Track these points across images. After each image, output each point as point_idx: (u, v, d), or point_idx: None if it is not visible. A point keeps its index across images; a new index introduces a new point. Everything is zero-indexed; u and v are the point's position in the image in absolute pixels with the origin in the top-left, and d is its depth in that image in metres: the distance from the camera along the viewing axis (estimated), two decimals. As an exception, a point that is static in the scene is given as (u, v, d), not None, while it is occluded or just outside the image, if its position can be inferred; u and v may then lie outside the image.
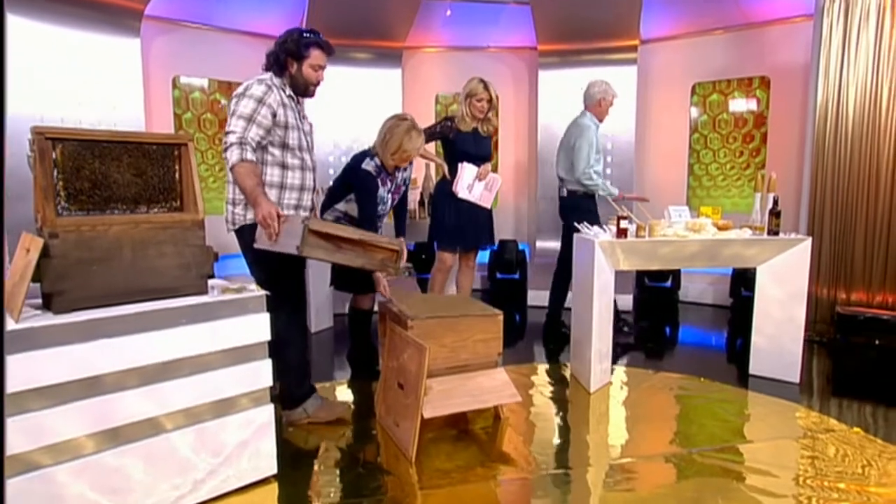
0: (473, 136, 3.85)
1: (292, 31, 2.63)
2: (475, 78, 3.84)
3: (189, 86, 4.97)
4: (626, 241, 3.10)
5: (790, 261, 3.23)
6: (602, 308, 3.15)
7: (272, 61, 2.61)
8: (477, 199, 3.82)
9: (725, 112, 5.23)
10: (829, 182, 4.12)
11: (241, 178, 2.43)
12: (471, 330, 2.62)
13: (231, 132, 2.46)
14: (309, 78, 2.62)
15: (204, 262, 2.05)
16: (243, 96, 2.49)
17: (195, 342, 1.95)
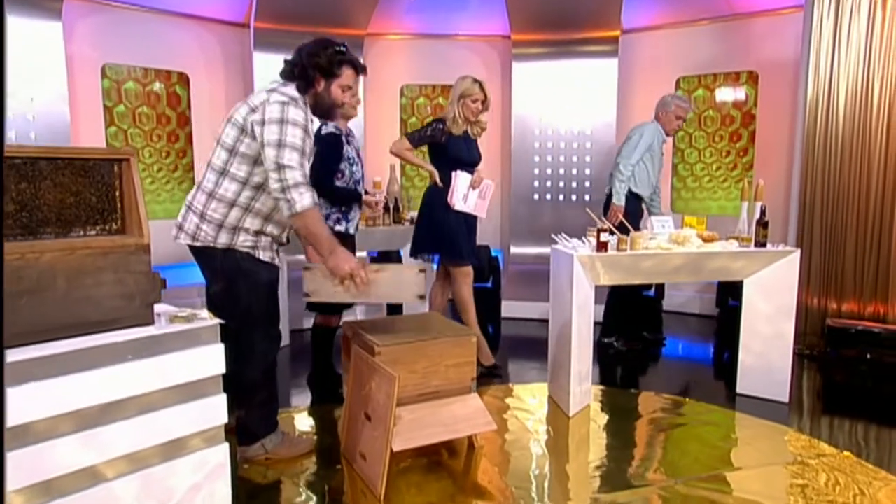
0: (464, 139, 3.85)
1: (323, 43, 2.55)
2: (468, 77, 3.83)
3: (121, 75, 4.87)
4: (607, 254, 3.17)
5: (778, 273, 3.35)
6: (581, 326, 3.22)
7: (298, 75, 2.50)
8: (472, 210, 3.84)
9: (712, 108, 5.38)
10: (819, 186, 4.27)
11: (315, 224, 2.38)
12: (443, 355, 2.66)
13: (289, 167, 2.32)
14: (336, 99, 2.57)
15: (150, 290, 2.03)
16: (286, 123, 2.35)
17: (141, 380, 1.93)
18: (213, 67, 5.26)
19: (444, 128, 3.78)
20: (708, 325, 5.08)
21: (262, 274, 2.53)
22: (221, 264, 2.49)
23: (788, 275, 3.34)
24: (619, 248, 3.20)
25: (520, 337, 4.85)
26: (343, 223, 3.42)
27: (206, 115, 5.27)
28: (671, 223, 3.48)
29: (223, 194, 2.45)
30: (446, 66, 5.69)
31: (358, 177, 3.44)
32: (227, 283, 2.51)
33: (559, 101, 5.25)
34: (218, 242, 2.47)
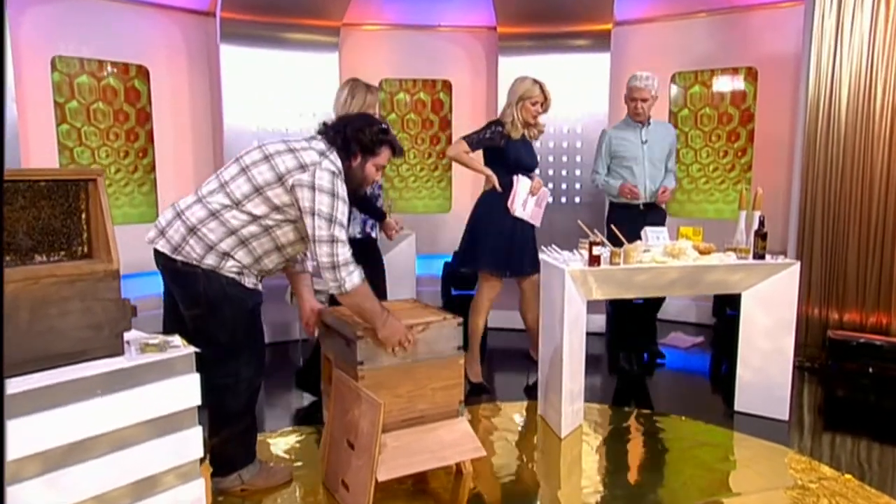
0: (523, 143, 3.97)
1: (369, 120, 2.66)
2: (528, 77, 3.95)
3: (73, 68, 4.84)
4: (600, 269, 3.25)
5: (777, 287, 3.46)
6: (573, 343, 3.30)
7: (341, 143, 2.59)
8: (530, 218, 3.96)
9: (708, 106, 5.49)
10: (820, 190, 4.39)
11: (365, 300, 2.50)
12: (429, 377, 2.72)
13: (341, 242, 2.43)
14: (369, 177, 2.68)
15: (119, 318, 2.06)
16: (338, 198, 2.44)
17: (111, 416, 1.96)
18: (176, 60, 5.25)
19: (502, 131, 3.90)
20: (704, 336, 5.19)
21: (247, 300, 2.58)
22: (205, 288, 2.50)
23: (788, 288, 3.45)
24: (612, 262, 3.28)
25: (507, 349, 4.92)
26: (375, 230, 3.72)
27: (168, 111, 5.26)
28: (666, 234, 3.57)
29: (227, 219, 2.48)
30: (428, 59, 5.74)
31: (379, 182, 3.71)
32: (211, 308, 2.53)
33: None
34: (203, 263, 2.48)
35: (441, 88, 5.92)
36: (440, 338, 2.71)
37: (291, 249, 2.64)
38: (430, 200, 6.06)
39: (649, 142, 4.20)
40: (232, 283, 2.53)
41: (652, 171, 4.20)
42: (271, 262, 2.62)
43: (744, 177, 5.43)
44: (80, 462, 1.92)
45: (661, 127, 4.33)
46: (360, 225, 3.66)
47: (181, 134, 5.36)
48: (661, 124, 4.37)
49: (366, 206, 3.63)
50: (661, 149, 4.24)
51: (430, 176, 6.06)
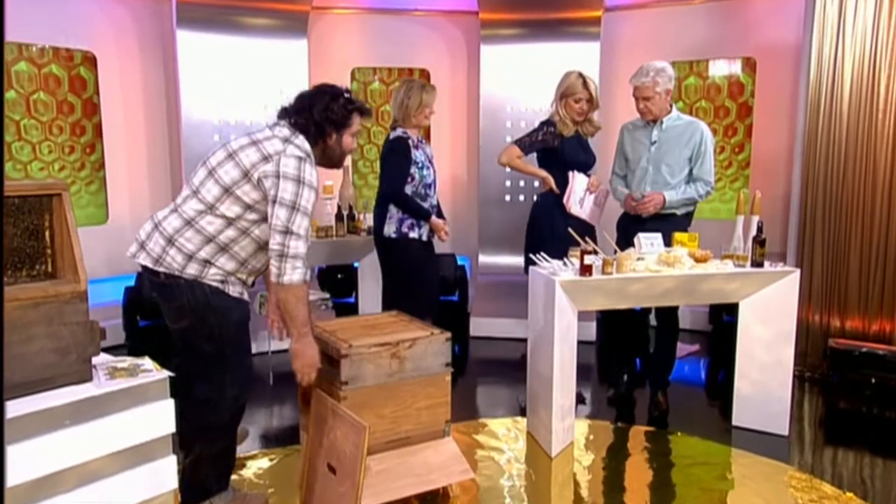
0: (577, 140, 4.16)
1: (332, 94, 2.73)
2: (573, 72, 4.11)
3: (10, 54, 4.80)
4: (591, 279, 3.37)
5: (776, 295, 3.61)
6: (564, 356, 3.41)
7: (313, 130, 2.69)
8: (586, 216, 4.13)
9: (704, 99, 5.65)
10: (821, 191, 4.54)
11: (298, 301, 2.56)
12: (414, 395, 2.81)
13: (296, 235, 2.52)
14: (347, 148, 2.81)
15: (87, 342, 2.12)
16: (303, 184, 2.53)
17: (80, 447, 2.02)
18: (126, 46, 5.25)
19: (554, 131, 4.10)
20: (700, 343, 5.35)
21: (233, 311, 2.67)
22: (189, 299, 2.60)
23: (788, 296, 3.60)
24: (605, 271, 3.40)
25: (492, 359, 5.03)
26: (416, 229, 3.87)
27: (119, 102, 5.27)
28: (660, 240, 3.68)
29: (203, 227, 2.58)
30: (404, 45, 5.82)
31: (429, 181, 3.95)
32: (195, 320, 2.62)
33: (534, 88, 5.42)
34: (185, 273, 2.58)
35: (419, 77, 5.99)
36: (427, 354, 2.80)
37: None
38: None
39: (660, 143, 3.96)
40: (216, 293, 2.62)
41: (656, 177, 3.94)
42: (259, 262, 2.73)
43: (741, 174, 5.60)
44: (47, 498, 1.98)
45: (683, 125, 3.97)
46: (395, 224, 3.88)
47: (133, 128, 5.37)
48: (685, 122, 3.99)
49: (405, 205, 3.85)
50: (678, 152, 3.92)
51: (407, 173, 6.13)
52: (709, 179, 3.92)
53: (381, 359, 2.73)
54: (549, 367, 3.40)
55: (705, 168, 3.92)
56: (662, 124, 3.94)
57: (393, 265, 4.01)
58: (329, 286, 5.55)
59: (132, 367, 2.33)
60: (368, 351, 2.70)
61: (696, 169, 3.93)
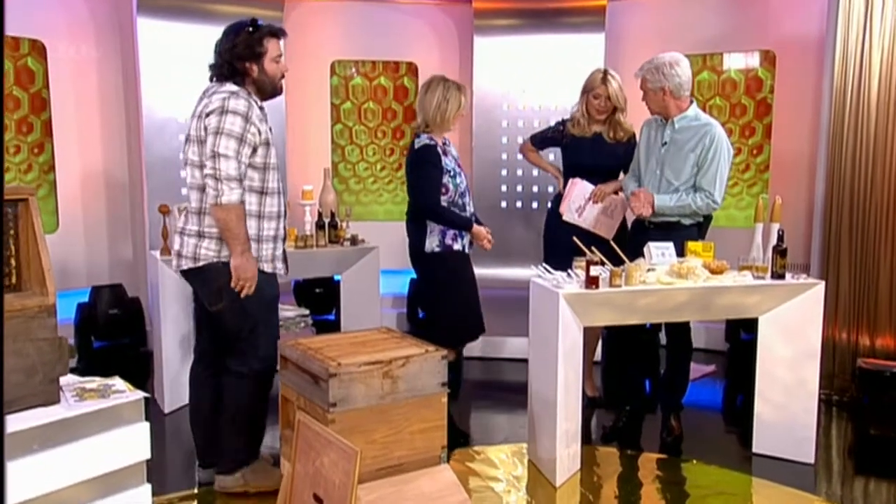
0: (592, 142, 4.40)
1: (235, 28, 3.23)
2: (598, 69, 4.40)
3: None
4: (598, 291, 3.50)
5: (800, 310, 3.75)
6: (569, 376, 3.54)
7: (228, 73, 3.21)
8: (590, 226, 4.33)
9: (719, 96, 5.82)
10: (847, 196, 4.67)
11: (236, 222, 3.10)
12: (408, 418, 2.92)
13: (224, 156, 3.05)
14: (274, 74, 3.29)
15: (55, 360, 2.21)
16: (226, 112, 3.07)
17: (49, 474, 2.09)
18: (80, 35, 5.32)
19: (563, 129, 4.43)
20: (716, 364, 5.49)
21: (265, 288, 3.25)
22: (228, 279, 3.15)
23: (812, 312, 3.74)
24: (613, 284, 3.53)
25: (488, 382, 5.14)
26: (459, 240, 4.05)
27: (71, 97, 5.34)
28: (672, 250, 3.82)
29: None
30: (389, 37, 5.93)
31: (463, 188, 4.11)
32: (232, 300, 3.18)
33: (532, 84, 5.56)
34: (222, 256, 3.17)
35: (405, 72, 6.15)
36: (422, 373, 2.92)
37: (271, 186, 3.28)
38: (392, 205, 6.27)
39: (669, 144, 4.03)
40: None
41: (661, 182, 4.03)
42: (273, 207, 3.29)
43: (760, 178, 5.76)
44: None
45: (696, 127, 4.00)
46: (438, 237, 4.04)
47: (88, 125, 5.44)
48: (700, 123, 4.02)
49: (445, 218, 4.02)
50: (685, 156, 3.97)
51: (392, 176, 6.27)
52: (710, 191, 3.92)
53: (372, 378, 2.84)
54: (552, 388, 3.52)
55: (708, 177, 3.92)
56: (675, 124, 4.02)
57: (442, 280, 4.14)
58: (306, 302, 5.64)
59: (102, 387, 2.42)
60: (358, 370, 2.81)
61: (700, 176, 3.95)
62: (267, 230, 3.28)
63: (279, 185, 3.33)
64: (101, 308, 5.25)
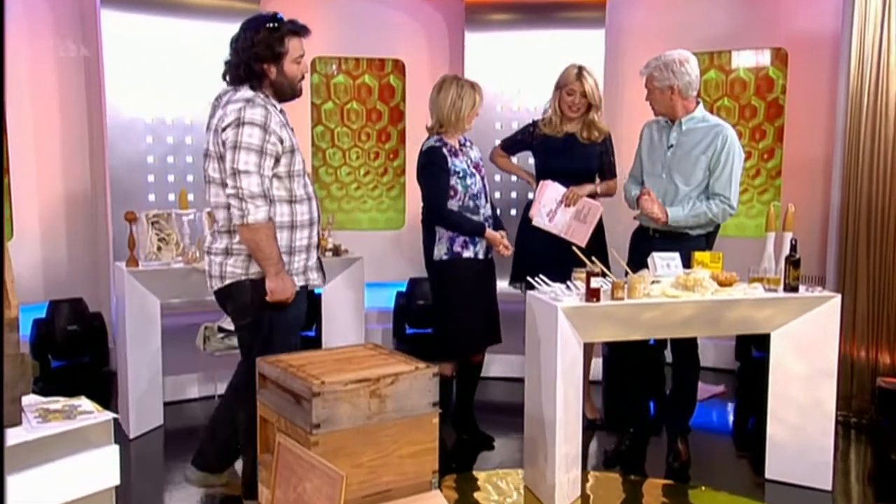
0: (564, 142, 4.49)
1: (254, 25, 3.25)
2: (573, 64, 4.47)
3: None
4: (599, 305, 3.54)
5: (815, 325, 3.79)
6: (569, 396, 3.58)
7: (244, 75, 3.24)
8: (561, 231, 4.41)
9: (727, 97, 5.89)
10: (865, 201, 4.72)
11: (266, 242, 3.18)
12: (396, 441, 2.93)
13: (245, 173, 3.12)
14: (294, 76, 3.33)
15: (17, 378, 2.20)
16: (243, 124, 3.12)
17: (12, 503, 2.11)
18: (38, 28, 5.32)
19: (534, 130, 4.53)
20: (726, 383, 5.53)
21: (289, 309, 3.32)
22: (251, 296, 3.27)
23: (828, 327, 3.79)
24: (615, 296, 3.57)
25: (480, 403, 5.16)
26: (471, 247, 4.12)
27: (27, 95, 5.31)
28: (678, 261, 3.86)
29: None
30: (375, 32, 5.96)
31: (475, 190, 4.21)
32: (254, 317, 3.31)
33: (528, 84, 5.60)
34: (250, 273, 3.27)
35: (391, 70, 6.19)
36: (412, 392, 2.93)
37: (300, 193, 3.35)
38: (377, 213, 6.31)
39: (676, 147, 4.09)
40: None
41: (669, 188, 4.09)
42: (302, 216, 3.35)
43: (771, 184, 5.83)
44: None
45: (705, 128, 4.06)
46: (446, 244, 4.17)
47: (46, 125, 5.43)
48: (710, 124, 4.09)
49: (452, 222, 4.14)
50: (695, 159, 4.02)
51: (377, 182, 6.30)
52: (727, 196, 3.98)
53: (358, 398, 2.86)
54: (550, 409, 3.56)
55: (723, 180, 3.97)
56: (682, 125, 4.07)
57: (447, 290, 4.26)
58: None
59: (68, 408, 2.42)
60: (344, 389, 2.83)
61: (714, 180, 3.99)
62: (299, 240, 3.36)
63: (308, 190, 3.40)
64: (60, 324, 5.21)
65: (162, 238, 4.55)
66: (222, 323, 4.57)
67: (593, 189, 4.55)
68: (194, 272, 4.47)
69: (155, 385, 4.65)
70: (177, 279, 4.56)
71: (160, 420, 4.69)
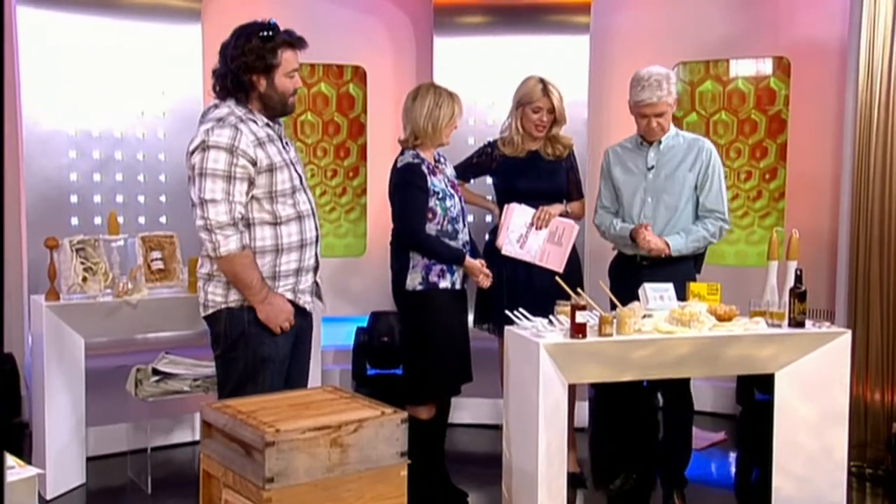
0: (527, 162, 4.54)
1: (247, 32, 3.35)
2: (532, 77, 4.52)
3: None
4: (586, 341, 3.59)
5: (823, 364, 3.85)
6: (552, 444, 3.60)
7: (231, 86, 3.36)
8: (535, 258, 4.44)
9: (725, 110, 5.99)
10: (877, 227, 4.79)
11: (245, 270, 3.31)
12: (361, 496, 2.94)
13: (211, 202, 3.23)
14: (286, 90, 3.43)
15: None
16: (208, 148, 3.24)
17: None
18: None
19: (492, 151, 4.60)
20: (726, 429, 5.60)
21: (266, 345, 3.40)
22: (225, 328, 3.39)
23: (837, 366, 3.85)
24: (603, 332, 3.62)
25: (450, 452, 5.16)
26: (448, 276, 4.14)
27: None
28: (672, 292, 3.92)
29: None
30: (331, 35, 5.92)
31: (455, 213, 4.25)
32: (225, 350, 3.43)
33: (503, 94, 5.60)
34: (229, 301, 3.39)
35: (351, 78, 6.22)
36: (378, 441, 2.95)
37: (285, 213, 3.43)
38: (335, 238, 6.29)
39: (658, 168, 4.29)
40: (254, 323, 3.37)
41: (657, 211, 4.27)
42: (290, 239, 3.44)
43: (774, 208, 5.93)
44: None
45: (686, 144, 4.31)
46: (420, 273, 4.19)
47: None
48: (688, 140, 4.35)
49: (430, 249, 4.17)
50: (682, 177, 4.24)
51: (334, 204, 6.32)
52: (722, 211, 4.26)
53: (317, 447, 2.86)
54: (531, 460, 3.58)
55: (713, 196, 4.25)
56: (661, 144, 4.29)
57: (422, 325, 4.27)
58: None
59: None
60: (301, 437, 2.83)
61: (704, 197, 4.25)
62: (286, 264, 3.45)
63: (302, 208, 3.49)
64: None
65: (88, 267, 4.50)
66: (156, 365, 4.55)
67: (563, 209, 4.60)
68: (125, 306, 4.47)
69: (77, 437, 4.61)
70: (104, 315, 4.54)
71: (82, 478, 4.64)
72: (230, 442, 2.98)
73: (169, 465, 4.94)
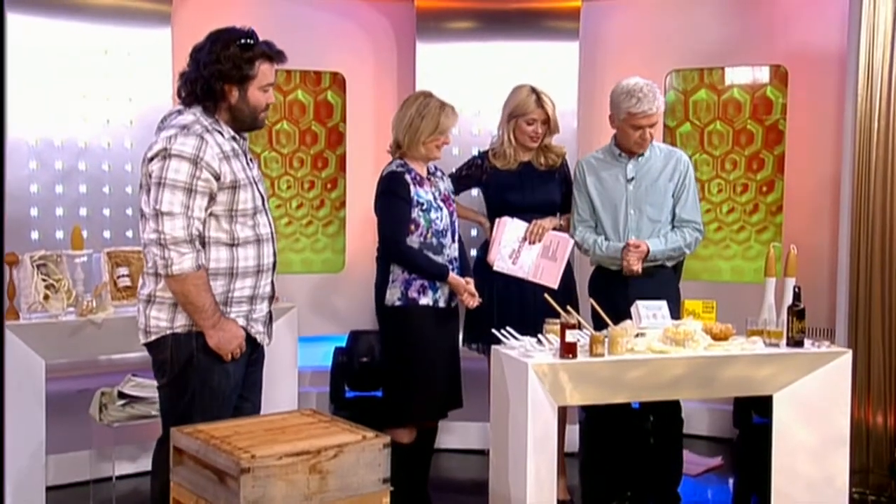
0: (520, 174, 4.57)
1: (224, 38, 3.30)
2: (524, 86, 4.55)
3: None
4: (576, 362, 3.60)
5: (823, 386, 3.87)
6: (541, 470, 3.60)
7: (201, 93, 3.28)
8: (528, 274, 4.46)
9: (720, 120, 6.03)
10: (879, 241, 4.82)
11: (198, 292, 3.21)
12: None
13: (168, 215, 3.16)
14: (258, 105, 3.38)
15: None
16: (169, 157, 3.17)
17: None
18: None
19: (482, 163, 4.60)
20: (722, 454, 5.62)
21: (215, 375, 3.34)
22: (171, 355, 3.30)
23: (838, 388, 3.88)
24: (594, 352, 3.64)
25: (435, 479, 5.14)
26: (429, 293, 4.15)
27: None
28: (665, 310, 3.94)
29: None
30: (308, 40, 5.90)
31: (441, 226, 4.29)
32: (171, 379, 3.34)
33: (489, 102, 5.61)
34: (175, 326, 3.30)
35: (329, 85, 6.22)
36: (359, 467, 2.94)
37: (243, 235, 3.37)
38: (312, 254, 6.29)
39: (639, 179, 4.49)
40: (203, 350, 3.29)
41: (640, 223, 4.45)
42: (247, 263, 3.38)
43: (771, 222, 5.96)
44: None
45: (663, 156, 4.57)
46: (400, 287, 4.24)
47: None
48: (665, 151, 4.64)
49: (410, 261, 4.21)
50: (663, 187, 4.47)
51: (312, 217, 6.29)
52: (696, 220, 4.54)
53: (295, 474, 2.85)
54: (520, 487, 3.59)
55: (689, 206, 4.52)
56: (640, 155, 4.46)
57: (400, 343, 4.30)
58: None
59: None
60: (278, 464, 2.82)
61: (680, 208, 4.49)
62: (240, 290, 3.39)
63: (261, 231, 3.43)
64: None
65: (49, 285, 4.48)
66: (122, 388, 4.53)
67: (557, 223, 4.64)
68: (89, 325, 4.46)
69: (36, 465, 4.55)
70: (67, 335, 4.53)
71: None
72: (203, 469, 2.97)
73: (135, 495, 4.87)
